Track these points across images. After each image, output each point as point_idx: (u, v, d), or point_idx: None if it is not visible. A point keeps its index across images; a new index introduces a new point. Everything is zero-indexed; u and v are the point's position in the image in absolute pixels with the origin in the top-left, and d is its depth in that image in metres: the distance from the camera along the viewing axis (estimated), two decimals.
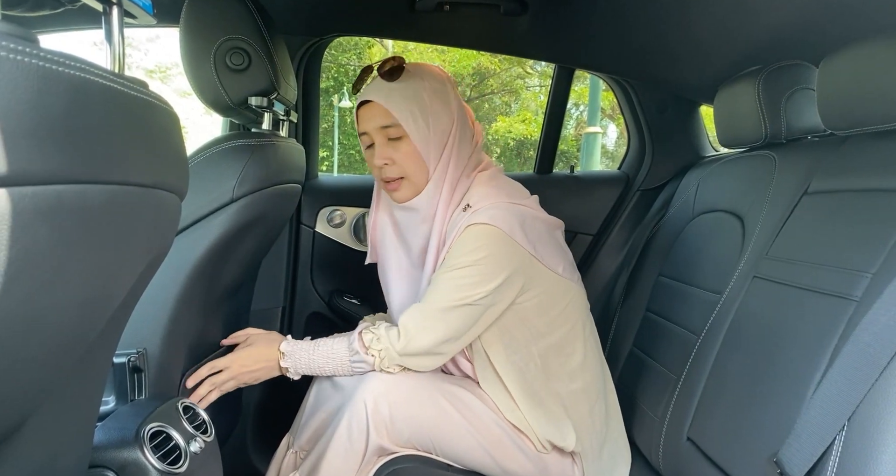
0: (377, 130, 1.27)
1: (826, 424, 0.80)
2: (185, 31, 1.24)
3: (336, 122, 19.92)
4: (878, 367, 0.76)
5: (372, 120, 1.27)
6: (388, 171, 1.28)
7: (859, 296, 0.87)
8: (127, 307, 0.75)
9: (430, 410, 1.21)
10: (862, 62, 0.97)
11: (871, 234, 0.90)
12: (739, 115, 1.39)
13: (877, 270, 0.86)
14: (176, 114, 0.70)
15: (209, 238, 1.20)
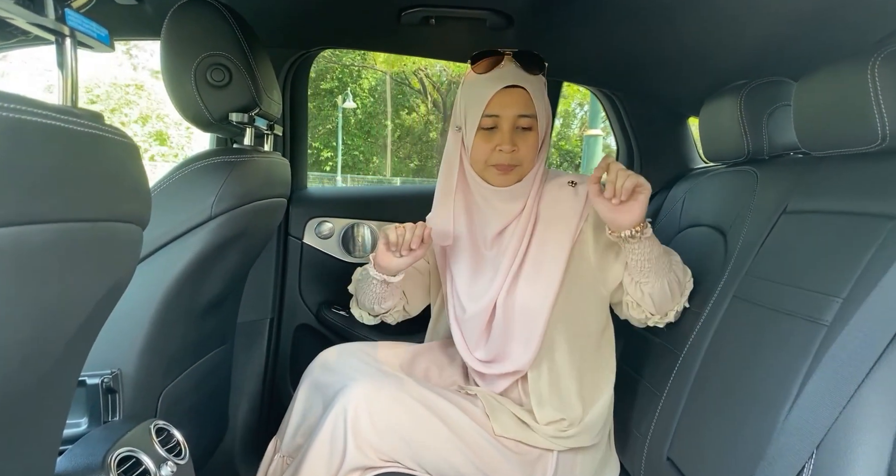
0: (513, 117, 1.26)
1: (796, 451, 0.80)
2: (165, 46, 1.23)
3: (340, 123, 20.00)
4: (846, 395, 0.75)
5: (513, 106, 1.25)
6: (510, 158, 1.27)
7: (829, 320, 0.86)
8: (88, 333, 0.74)
9: (412, 421, 1.20)
10: (833, 84, 0.96)
11: (842, 258, 0.89)
12: (722, 130, 1.39)
13: (846, 295, 0.85)
14: (133, 145, 0.70)
15: (187, 256, 1.19)
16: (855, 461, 0.72)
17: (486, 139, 1.28)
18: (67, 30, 0.63)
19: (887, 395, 0.73)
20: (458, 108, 1.34)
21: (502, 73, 1.26)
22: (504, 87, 1.24)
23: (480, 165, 1.31)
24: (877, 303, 0.76)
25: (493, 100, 1.25)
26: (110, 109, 20.40)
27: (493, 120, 1.26)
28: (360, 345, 1.45)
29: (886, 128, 0.88)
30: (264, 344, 1.88)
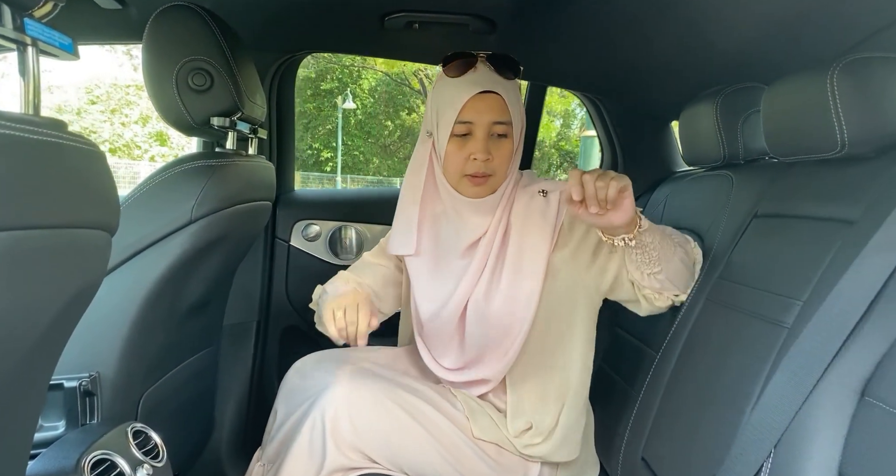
0: (488, 124, 1.20)
1: (756, 450, 0.81)
2: (147, 51, 1.24)
3: (339, 123, 20.01)
4: (803, 396, 0.77)
5: (488, 113, 1.20)
6: (485, 167, 1.22)
7: (790, 323, 0.87)
8: (55, 337, 0.75)
9: (392, 421, 1.20)
10: (796, 93, 0.97)
11: (804, 262, 0.91)
12: (700, 135, 1.39)
13: (806, 298, 0.86)
14: (98, 152, 0.70)
15: (168, 259, 1.20)
16: (809, 459, 0.74)
17: (459, 147, 1.22)
18: (28, 39, 0.63)
19: (840, 395, 0.74)
20: (430, 112, 1.28)
21: (476, 77, 1.20)
22: (478, 93, 1.19)
23: (454, 176, 1.26)
24: (833, 306, 0.77)
25: (466, 105, 1.19)
26: (111, 110, 20.44)
27: (466, 126, 1.20)
28: (337, 351, 1.42)
29: (845, 136, 0.89)
30: (251, 346, 1.88)
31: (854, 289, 0.76)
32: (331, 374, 1.27)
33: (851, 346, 0.74)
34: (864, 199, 0.85)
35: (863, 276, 0.76)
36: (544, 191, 1.31)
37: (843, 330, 0.75)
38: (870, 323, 0.74)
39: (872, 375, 0.72)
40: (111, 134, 20.48)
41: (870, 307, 0.75)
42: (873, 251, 0.76)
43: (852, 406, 0.72)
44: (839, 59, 0.90)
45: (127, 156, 20.47)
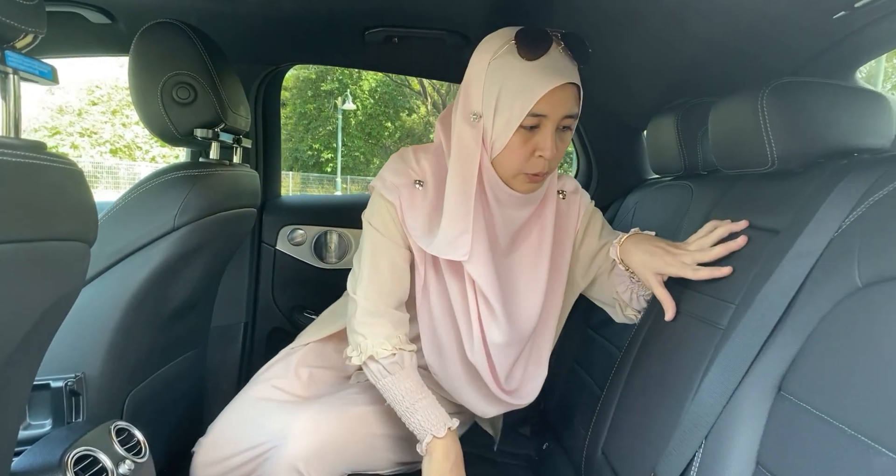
0: (559, 118, 1.06)
1: (690, 443, 0.87)
2: (133, 65, 1.30)
3: (339, 124, 20.09)
4: (730, 390, 0.83)
5: (563, 105, 1.05)
6: (548, 165, 1.10)
7: (725, 324, 0.93)
8: (37, 341, 0.81)
9: (352, 436, 1.22)
10: (734, 112, 1.03)
11: (739, 268, 0.97)
12: (663, 146, 1.45)
13: (739, 301, 0.92)
14: (76, 170, 0.76)
15: (151, 265, 1.26)
16: (732, 449, 0.79)
17: (524, 140, 1.07)
18: (10, 69, 0.69)
19: (761, 390, 0.79)
20: (483, 93, 1.08)
21: (553, 63, 1.04)
22: (560, 84, 1.04)
23: (510, 172, 1.11)
24: (757, 309, 0.84)
25: (544, 97, 1.03)
26: (112, 111, 20.52)
27: (537, 119, 1.05)
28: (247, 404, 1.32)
29: (774, 153, 0.95)
30: (239, 347, 1.95)
31: (775, 293, 0.82)
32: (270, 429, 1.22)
33: (771, 346, 0.80)
34: (790, 211, 0.91)
35: (782, 282, 0.82)
36: (563, 192, 1.28)
37: (764, 330, 0.82)
38: (786, 324, 0.80)
39: (787, 372, 0.78)
40: (112, 135, 20.57)
41: (787, 310, 0.81)
42: (792, 259, 0.82)
43: (770, 400, 0.78)
44: (768, 82, 0.96)
45: (128, 157, 20.55)
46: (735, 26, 1.17)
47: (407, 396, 1.16)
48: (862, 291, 0.71)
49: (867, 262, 0.72)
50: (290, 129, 20.48)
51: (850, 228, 0.78)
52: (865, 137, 0.94)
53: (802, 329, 0.78)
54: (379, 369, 1.17)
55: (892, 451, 0.58)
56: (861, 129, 0.94)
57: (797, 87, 0.95)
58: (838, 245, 0.78)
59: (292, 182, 19.41)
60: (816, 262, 0.80)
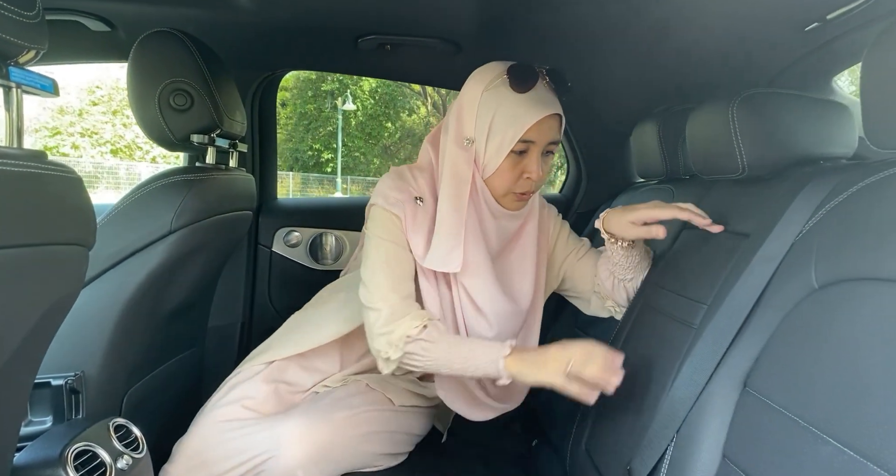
0: (545, 144, 1.19)
1: (662, 437, 0.91)
2: (131, 72, 1.34)
3: (340, 124, 20.12)
4: (700, 387, 0.87)
5: (549, 133, 1.17)
6: (535, 185, 1.23)
7: (697, 324, 0.97)
8: (37, 341, 0.85)
9: (352, 450, 1.27)
10: (708, 121, 1.08)
11: (712, 270, 1.02)
12: (647, 151, 1.50)
13: (711, 302, 0.96)
14: (75, 178, 0.80)
15: (148, 266, 1.30)
16: (701, 443, 0.84)
17: (514, 164, 1.19)
18: (13, 84, 0.73)
19: (728, 387, 0.84)
20: (475, 120, 1.19)
21: (540, 95, 1.17)
22: (547, 115, 1.16)
23: (500, 191, 1.22)
24: (727, 309, 0.88)
25: (532, 126, 1.14)
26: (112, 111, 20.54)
27: (525, 145, 1.17)
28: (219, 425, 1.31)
29: (745, 160, 1.00)
30: (235, 346, 1.99)
31: (742, 294, 0.87)
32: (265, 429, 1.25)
33: (738, 344, 0.85)
34: (759, 215, 0.95)
35: (749, 284, 0.86)
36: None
37: (731, 330, 0.86)
38: (752, 324, 0.84)
39: (752, 369, 0.82)
40: (113, 135, 20.58)
41: (752, 310, 0.85)
42: (759, 262, 0.86)
43: (736, 396, 0.82)
44: (738, 94, 1.01)
45: (128, 157, 20.58)
46: (713, 38, 1.21)
47: (460, 351, 1.16)
48: (818, 292, 0.75)
49: (823, 265, 0.76)
50: (291, 129, 20.51)
51: (809, 233, 0.82)
52: (829, 146, 0.98)
53: (766, 328, 0.82)
54: (421, 346, 1.16)
55: (837, 440, 0.63)
56: (825, 139, 0.99)
57: (765, 99, 0.99)
58: (799, 248, 0.82)
59: (292, 182, 19.44)
60: (780, 264, 0.84)
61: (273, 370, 1.42)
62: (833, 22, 1.08)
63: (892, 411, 0.58)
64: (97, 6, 1.43)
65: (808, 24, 1.10)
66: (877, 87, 0.72)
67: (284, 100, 19.84)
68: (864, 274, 0.69)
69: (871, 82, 0.72)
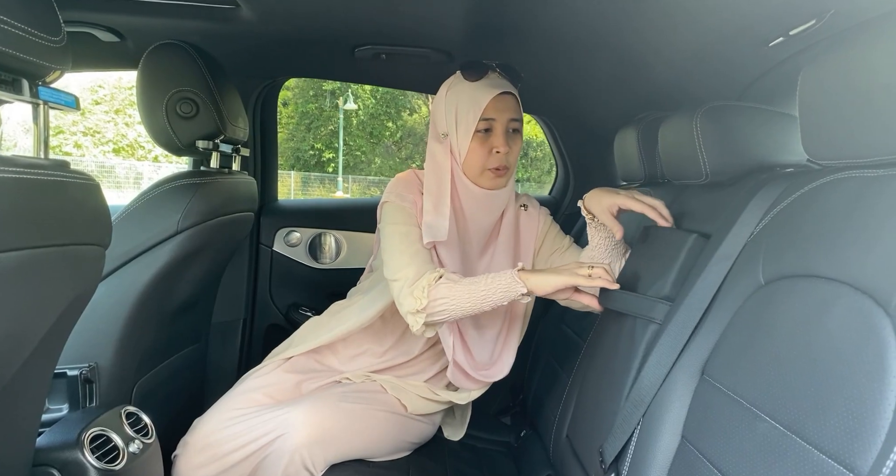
0: (507, 121, 1.35)
1: (629, 422, 1.00)
2: (140, 82, 1.43)
3: (341, 123, 20.19)
4: (662, 377, 0.96)
5: (507, 111, 1.34)
6: (505, 159, 1.36)
7: (661, 320, 1.05)
8: (58, 334, 0.93)
9: (356, 441, 1.36)
10: (676, 130, 1.16)
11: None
12: (627, 155, 1.58)
13: (675, 299, 1.04)
14: (93, 184, 0.89)
15: (157, 264, 1.39)
16: (663, 426, 0.92)
17: (481, 142, 1.34)
18: (41, 101, 0.82)
19: (687, 375, 0.92)
20: (444, 115, 1.38)
21: (493, 81, 1.35)
22: (499, 94, 1.33)
23: (476, 170, 1.37)
24: (688, 305, 0.96)
25: (489, 104, 1.32)
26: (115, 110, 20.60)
27: (488, 123, 1.34)
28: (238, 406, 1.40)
29: (708, 167, 1.08)
30: (238, 341, 2.07)
31: (702, 290, 0.95)
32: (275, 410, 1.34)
33: (697, 336, 0.93)
34: (719, 217, 1.03)
35: (708, 280, 0.95)
36: (525, 205, 1.54)
37: (691, 323, 0.95)
38: (709, 317, 0.93)
39: (709, 359, 0.90)
40: (115, 134, 20.65)
41: (710, 305, 0.94)
42: (716, 261, 0.95)
43: (695, 383, 0.91)
44: (701, 106, 1.09)
45: (131, 156, 20.65)
46: (684, 51, 1.29)
47: (478, 284, 1.26)
48: (763, 288, 0.84)
49: (769, 263, 0.84)
50: (292, 128, 20.57)
51: (759, 234, 0.91)
52: (785, 155, 1.07)
53: (721, 321, 0.91)
54: (445, 287, 1.26)
55: (771, 417, 0.71)
56: (781, 148, 1.07)
57: (724, 111, 1.08)
58: (750, 248, 0.91)
59: (293, 182, 19.51)
60: (734, 262, 0.93)
61: (296, 363, 1.54)
62: (796, 37, 1.16)
63: (811, 389, 0.67)
64: (108, 19, 1.50)
65: (772, 40, 1.18)
66: (812, 105, 0.80)
67: (286, 99, 19.90)
68: (799, 271, 0.77)
69: (807, 100, 0.80)
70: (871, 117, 0.71)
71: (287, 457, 1.26)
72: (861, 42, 0.73)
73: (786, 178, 0.94)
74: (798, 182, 0.88)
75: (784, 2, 1.04)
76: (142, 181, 16.92)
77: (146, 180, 16.60)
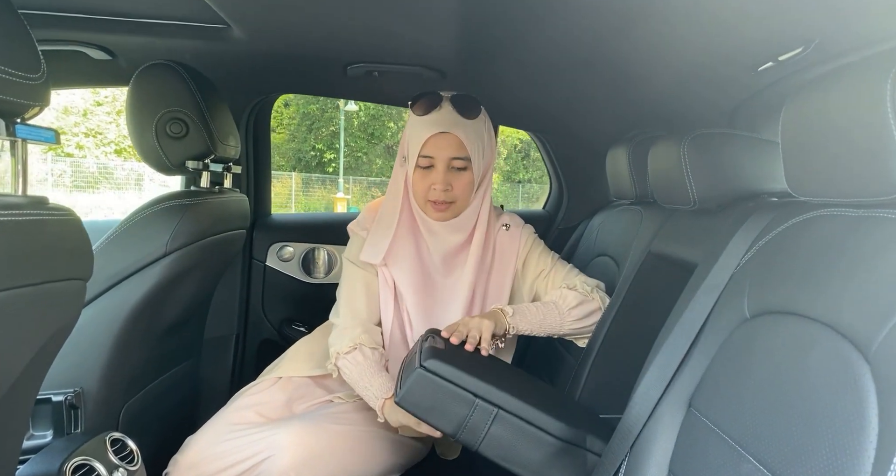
0: (447, 159, 1.36)
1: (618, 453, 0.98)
2: (130, 102, 1.42)
3: (342, 124, 20.16)
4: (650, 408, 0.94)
5: (445, 150, 1.36)
6: (444, 196, 1.38)
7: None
8: (38, 366, 0.92)
9: (346, 462, 1.33)
10: (666, 155, 1.16)
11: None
12: (618, 174, 1.57)
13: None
14: (74, 218, 0.88)
15: (145, 287, 1.38)
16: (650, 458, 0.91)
17: (423, 177, 1.39)
18: (19, 139, 0.81)
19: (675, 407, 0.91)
20: (404, 142, 1.44)
21: (438, 117, 1.36)
22: (438, 132, 1.35)
23: (420, 200, 1.43)
24: (676, 336, 0.95)
25: (427, 142, 1.35)
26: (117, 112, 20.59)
27: (428, 160, 1.37)
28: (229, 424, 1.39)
29: (695, 194, 1.08)
30: (230, 357, 2.07)
31: (689, 321, 0.94)
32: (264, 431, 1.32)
33: (684, 368, 0.92)
34: (706, 246, 1.03)
35: (695, 311, 0.94)
36: (507, 225, 1.53)
37: (679, 354, 0.94)
38: (696, 349, 0.92)
39: (695, 391, 0.89)
40: (117, 135, 20.66)
41: (697, 336, 0.93)
42: (704, 292, 0.94)
43: (682, 416, 0.90)
44: (688, 133, 1.09)
45: (132, 157, 20.65)
46: (674, 73, 1.29)
47: (362, 380, 1.34)
48: (749, 322, 0.83)
49: (753, 297, 0.84)
50: (293, 129, 20.56)
51: (745, 266, 0.90)
52: (771, 182, 1.07)
53: (708, 353, 0.90)
54: (344, 364, 1.36)
55: (755, 458, 0.70)
56: (768, 175, 1.07)
57: (711, 139, 1.08)
58: (736, 280, 0.90)
59: (294, 183, 19.50)
60: (721, 294, 0.92)
61: (289, 381, 1.54)
62: (784, 63, 1.15)
63: (795, 433, 0.66)
64: (99, 38, 1.50)
65: (761, 64, 1.17)
66: (793, 140, 0.79)
67: (287, 100, 19.89)
68: (782, 308, 0.76)
69: (788, 140, 0.80)
70: (853, 158, 0.70)
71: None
72: (844, 81, 0.72)
73: (772, 209, 0.93)
74: (784, 214, 0.87)
75: (773, 29, 1.03)
76: (143, 182, 16.90)
77: (147, 181, 16.59)
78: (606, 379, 1.29)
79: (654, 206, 1.50)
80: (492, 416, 1.07)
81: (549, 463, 1.06)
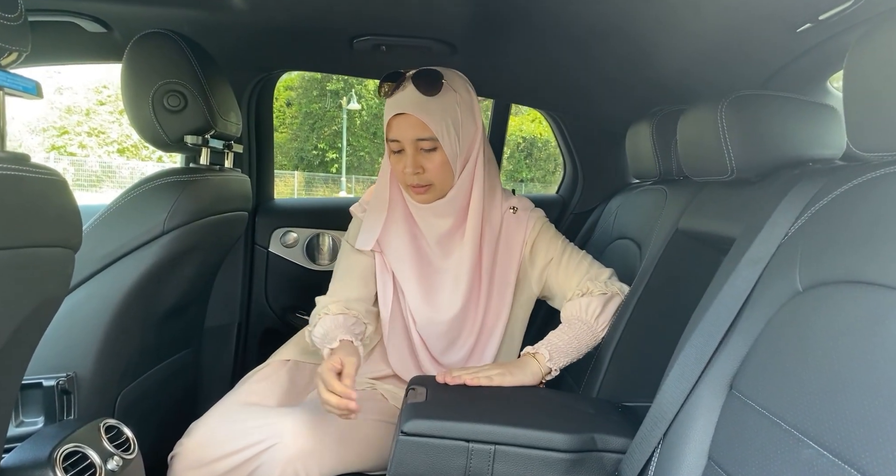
0: (413, 141, 1.29)
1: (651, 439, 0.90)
2: (125, 73, 1.34)
3: (345, 124, 20.14)
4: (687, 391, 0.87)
5: (408, 131, 1.29)
6: (418, 179, 1.32)
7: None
8: (21, 344, 0.85)
9: (352, 452, 1.28)
10: (697, 123, 1.07)
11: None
12: (640, 152, 1.49)
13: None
14: (59, 180, 0.80)
15: (141, 267, 1.31)
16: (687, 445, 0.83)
17: (396, 161, 1.33)
18: None
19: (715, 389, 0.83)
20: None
21: (399, 98, 1.30)
22: (397, 114, 1.28)
23: (402, 185, 1.38)
24: (714, 313, 0.87)
25: (390, 125, 1.30)
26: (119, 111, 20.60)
27: (397, 144, 1.31)
28: (235, 408, 1.33)
29: (733, 162, 0.99)
30: (232, 347, 1.99)
31: (729, 298, 0.86)
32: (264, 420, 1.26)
33: (724, 347, 0.84)
34: (746, 218, 0.95)
35: (736, 287, 0.85)
36: (515, 208, 1.44)
37: (718, 333, 0.85)
38: (738, 327, 0.84)
39: (738, 372, 0.81)
40: (119, 134, 20.68)
41: (739, 314, 0.84)
42: (745, 265, 0.85)
43: (722, 398, 0.82)
44: (727, 96, 1.00)
45: (135, 156, 20.67)
46: (706, 39, 1.21)
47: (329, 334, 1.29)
48: (801, 295, 0.75)
49: (806, 268, 0.75)
50: (296, 128, 20.54)
51: (794, 235, 0.81)
52: (817, 148, 0.98)
53: (752, 331, 0.82)
54: (324, 320, 1.35)
55: (817, 443, 0.62)
56: (813, 141, 0.98)
57: (753, 101, 0.99)
58: (784, 251, 0.82)
59: (297, 182, 19.47)
60: (766, 267, 0.84)
61: (298, 365, 1.50)
62: (825, 22, 1.07)
63: (869, 414, 0.58)
64: (92, 7, 1.43)
65: (800, 26, 1.09)
66: (859, 92, 0.71)
67: (290, 99, 19.87)
68: (844, 277, 0.68)
69: (853, 87, 0.71)
70: None
71: (279, 468, 1.18)
72: None
73: (823, 174, 0.85)
74: (838, 178, 0.79)
75: None
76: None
77: None
78: (631, 366, 1.21)
79: (681, 183, 1.42)
80: (491, 454, 1.00)
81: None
